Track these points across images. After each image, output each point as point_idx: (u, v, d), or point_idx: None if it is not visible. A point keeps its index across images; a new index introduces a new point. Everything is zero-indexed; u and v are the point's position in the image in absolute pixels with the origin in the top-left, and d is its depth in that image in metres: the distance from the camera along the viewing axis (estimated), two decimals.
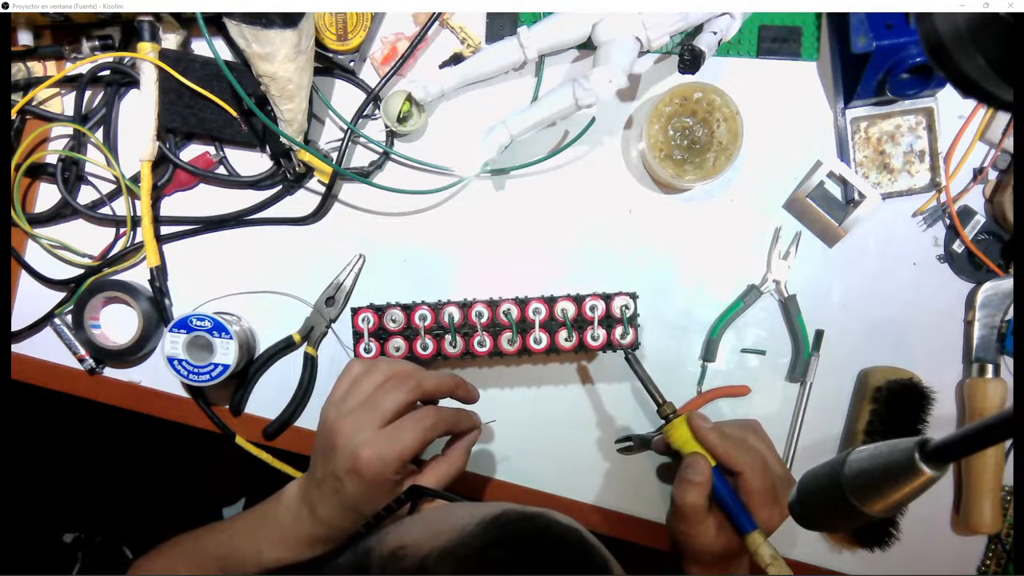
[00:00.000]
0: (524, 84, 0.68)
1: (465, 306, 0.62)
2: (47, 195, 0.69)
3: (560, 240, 0.69)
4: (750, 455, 0.56)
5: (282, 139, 0.64)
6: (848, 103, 0.66)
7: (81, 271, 0.68)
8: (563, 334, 0.62)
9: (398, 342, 0.62)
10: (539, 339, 0.62)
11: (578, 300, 0.62)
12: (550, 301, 0.62)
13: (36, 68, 0.68)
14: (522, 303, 0.62)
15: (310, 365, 0.68)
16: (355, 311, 0.62)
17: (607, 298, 0.62)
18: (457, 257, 0.69)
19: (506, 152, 0.66)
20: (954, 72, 0.31)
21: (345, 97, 0.68)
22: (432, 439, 0.53)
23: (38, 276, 0.68)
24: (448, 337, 0.62)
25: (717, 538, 0.55)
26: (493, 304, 0.62)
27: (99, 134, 0.67)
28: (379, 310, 0.62)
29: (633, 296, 0.63)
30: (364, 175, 0.67)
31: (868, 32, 0.59)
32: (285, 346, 0.68)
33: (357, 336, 0.62)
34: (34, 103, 0.67)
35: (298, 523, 0.55)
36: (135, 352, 0.67)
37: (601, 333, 0.62)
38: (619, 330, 0.62)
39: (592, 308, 0.62)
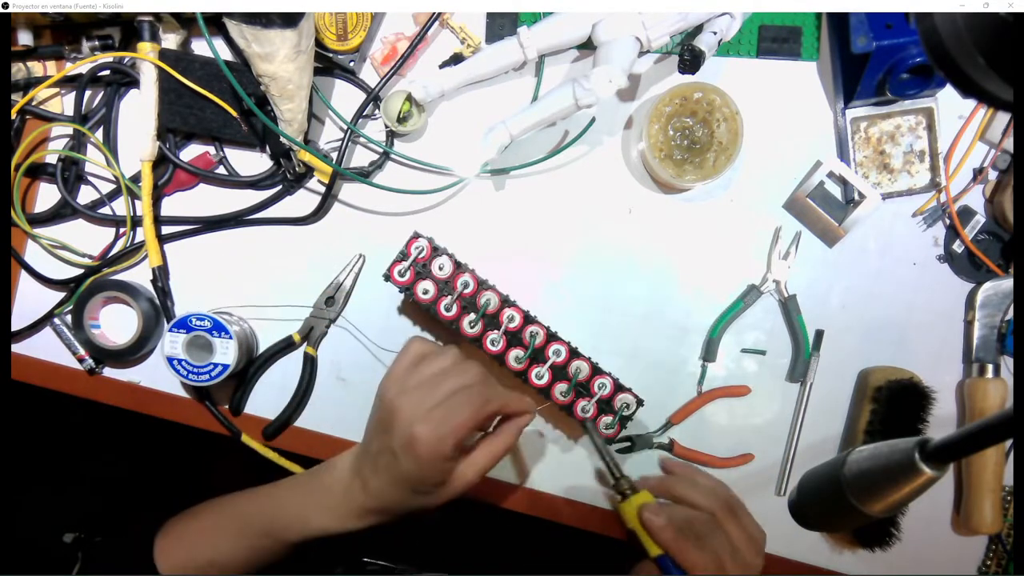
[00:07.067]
0: (524, 84, 0.69)
1: (505, 301, 0.62)
2: (47, 195, 0.69)
3: (560, 240, 0.69)
4: (704, 554, 0.53)
5: (282, 139, 0.64)
6: (848, 103, 0.66)
7: (81, 271, 0.68)
8: (562, 387, 0.62)
9: (427, 285, 0.62)
10: (541, 375, 0.63)
11: (595, 368, 0.63)
12: (574, 352, 0.63)
13: (36, 68, 0.68)
14: (550, 336, 0.63)
15: (310, 365, 0.68)
16: (416, 235, 0.62)
17: (619, 386, 0.63)
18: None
19: (506, 152, 0.66)
20: (954, 72, 0.31)
21: (345, 97, 0.68)
22: (485, 417, 0.53)
23: (38, 276, 0.68)
24: (472, 316, 0.62)
25: None
26: (528, 318, 0.62)
27: (99, 134, 0.67)
28: (436, 249, 0.62)
29: (640, 402, 0.63)
30: (364, 175, 0.67)
31: (868, 32, 0.59)
32: (285, 346, 0.68)
33: (401, 256, 0.62)
34: (34, 103, 0.67)
35: (349, 494, 0.56)
36: (135, 352, 0.67)
37: (591, 409, 0.63)
38: (607, 419, 0.63)
39: (600, 386, 0.63)
